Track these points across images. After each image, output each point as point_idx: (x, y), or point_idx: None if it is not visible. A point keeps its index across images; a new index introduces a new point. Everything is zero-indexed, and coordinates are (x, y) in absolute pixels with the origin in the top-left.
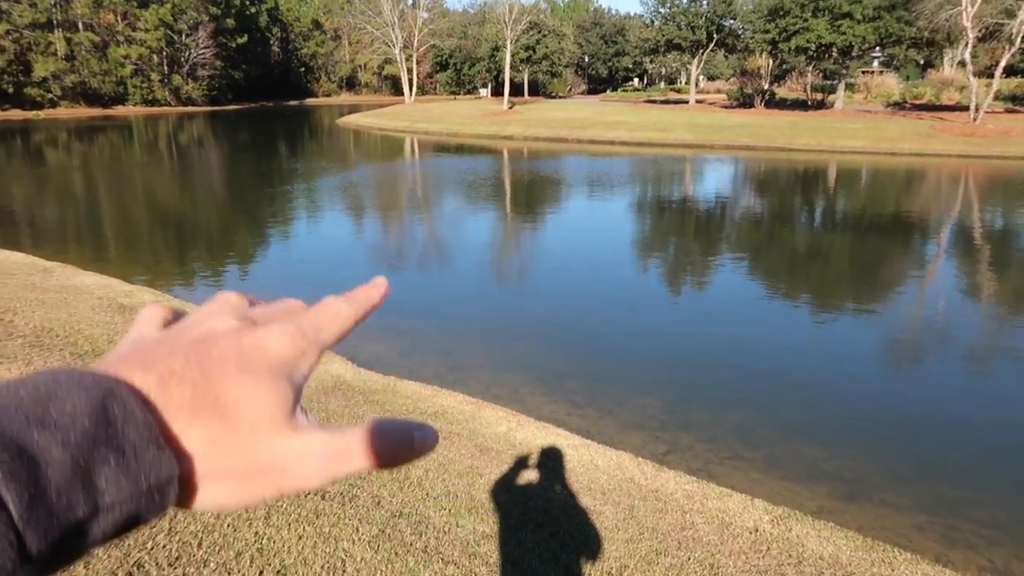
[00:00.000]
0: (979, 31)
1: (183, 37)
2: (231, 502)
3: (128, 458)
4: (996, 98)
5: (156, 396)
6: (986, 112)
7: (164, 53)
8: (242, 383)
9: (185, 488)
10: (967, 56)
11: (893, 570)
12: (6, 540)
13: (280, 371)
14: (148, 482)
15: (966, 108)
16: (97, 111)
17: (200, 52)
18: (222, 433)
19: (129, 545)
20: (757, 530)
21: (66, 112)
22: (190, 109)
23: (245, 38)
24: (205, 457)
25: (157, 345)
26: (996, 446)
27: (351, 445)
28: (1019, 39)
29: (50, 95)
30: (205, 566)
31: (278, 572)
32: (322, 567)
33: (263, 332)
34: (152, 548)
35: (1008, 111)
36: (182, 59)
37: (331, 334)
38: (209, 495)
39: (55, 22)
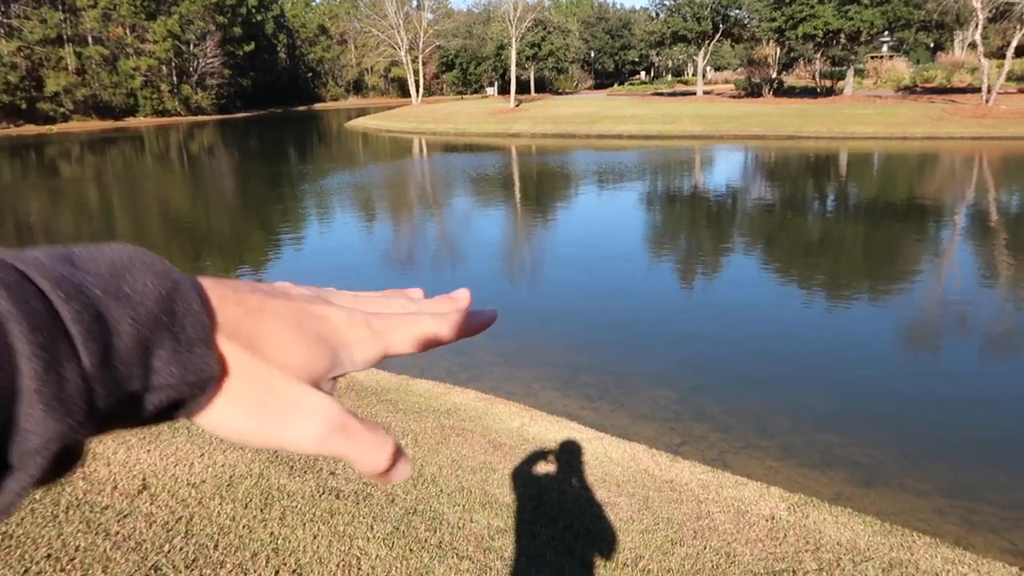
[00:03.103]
0: (989, 11)
1: (191, 47)
2: (234, 430)
3: (182, 348)
4: (1008, 79)
5: (215, 306)
6: (998, 93)
7: (173, 64)
8: (288, 332)
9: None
10: (978, 37)
11: (912, 554)
12: (78, 392)
13: (329, 342)
14: (195, 375)
15: (978, 90)
16: (109, 123)
17: (208, 61)
18: (251, 361)
19: (146, 548)
20: (774, 518)
21: (78, 125)
22: (200, 118)
23: (252, 46)
24: (233, 373)
25: (237, 281)
26: (1014, 428)
27: (358, 431)
28: None
29: (62, 109)
30: (222, 567)
31: (294, 571)
32: (337, 565)
33: (331, 307)
34: (169, 551)
35: (1021, 91)
36: (191, 69)
37: (402, 339)
38: (219, 413)
39: (65, 37)
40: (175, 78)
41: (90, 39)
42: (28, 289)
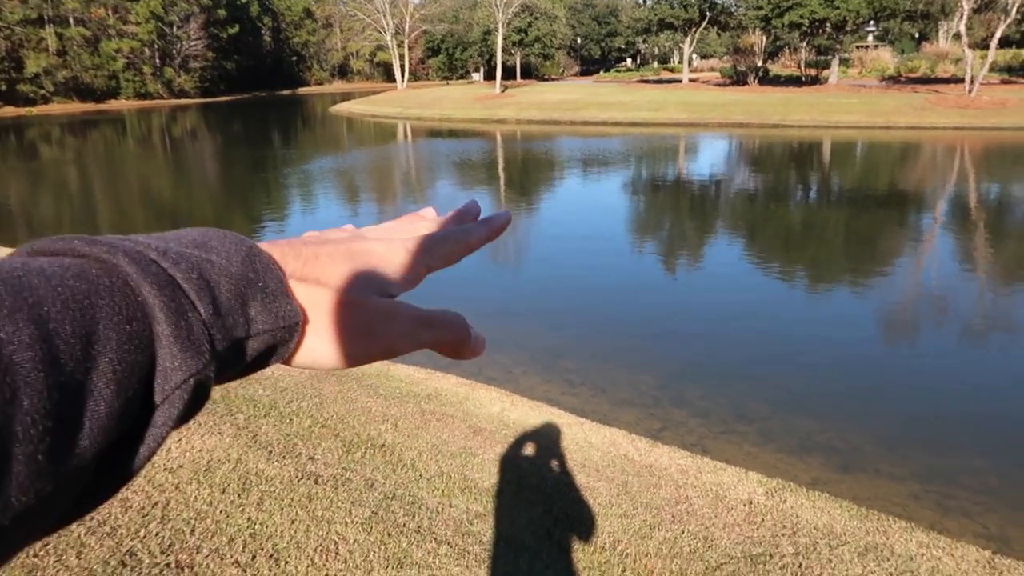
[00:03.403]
0: (974, 2)
1: (174, 29)
2: (327, 356)
3: (269, 299)
4: (991, 69)
5: (282, 262)
6: (981, 84)
7: (155, 46)
8: (343, 267)
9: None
10: (962, 28)
11: (888, 538)
12: (203, 335)
13: (378, 268)
14: (283, 321)
15: (961, 80)
16: (90, 106)
17: (191, 44)
18: (323, 298)
19: (121, 534)
20: (751, 502)
21: (59, 108)
22: (183, 101)
23: (236, 28)
24: (309, 315)
25: (281, 239)
26: (989, 414)
27: (434, 316)
28: (1015, 9)
29: (43, 91)
30: (198, 552)
31: (271, 556)
32: (315, 550)
33: (371, 241)
34: (144, 536)
35: (1004, 82)
36: (174, 51)
37: (436, 256)
38: (310, 349)
39: (46, 18)
40: (158, 60)
41: (71, 20)
42: (145, 257)
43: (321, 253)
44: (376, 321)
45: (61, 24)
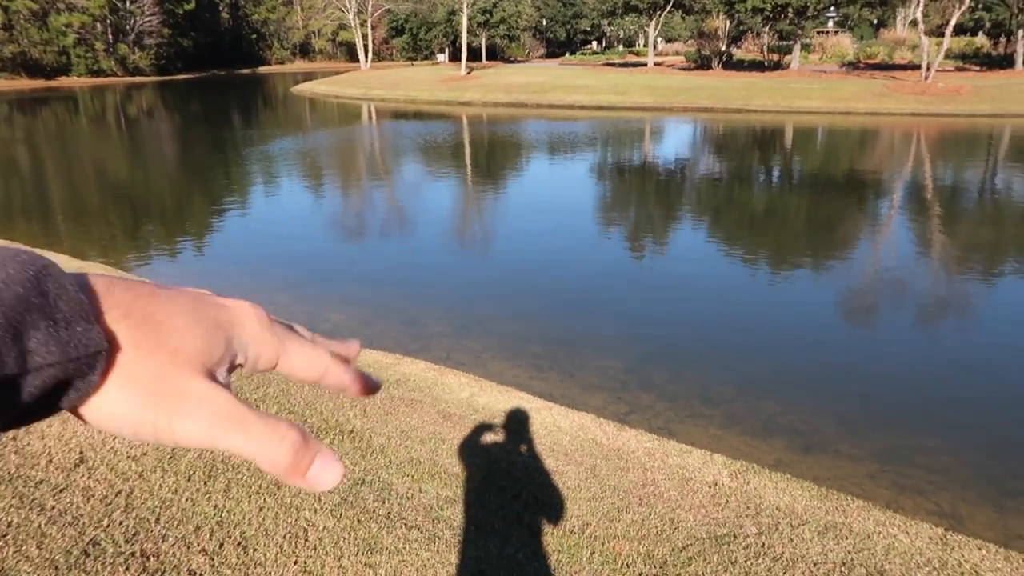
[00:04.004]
0: None
1: (127, 4)
2: (126, 419)
3: (59, 327)
4: (947, 56)
5: (100, 290)
6: (937, 71)
7: (108, 21)
8: (184, 315)
9: (101, 376)
10: (919, 15)
11: (846, 517)
12: None
13: (226, 330)
14: (77, 351)
15: (918, 67)
16: (40, 83)
17: (146, 19)
18: (146, 340)
19: (84, 523)
20: (716, 484)
21: (6, 84)
22: (138, 79)
23: (193, 4)
24: (123, 354)
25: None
26: (943, 396)
27: (251, 423)
28: None
29: None
30: (164, 540)
31: (239, 544)
32: (284, 537)
33: (233, 300)
34: (108, 525)
35: (958, 69)
36: (127, 27)
37: (298, 355)
38: (110, 399)
39: None
40: (111, 36)
41: None
42: None
43: (161, 293)
44: (188, 402)
45: None
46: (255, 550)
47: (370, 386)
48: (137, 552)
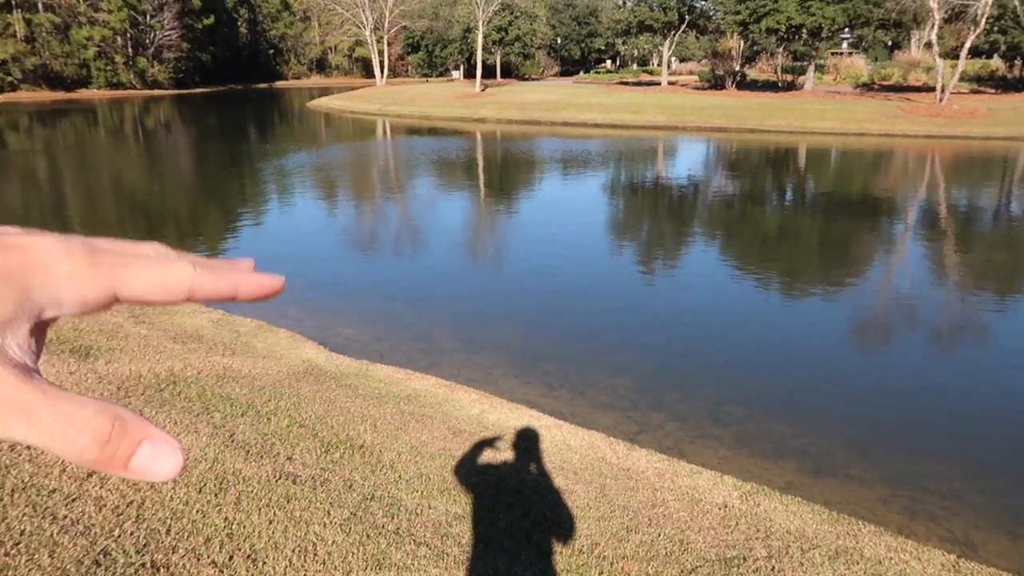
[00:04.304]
0: (945, 12)
1: (148, 18)
2: None
3: None
4: (961, 79)
5: None
6: (952, 93)
7: (128, 35)
8: None
9: None
10: (934, 37)
11: (858, 542)
12: None
13: (17, 275)
14: None
15: (932, 89)
16: (60, 95)
17: (165, 34)
18: None
19: (95, 533)
20: (726, 506)
21: (27, 96)
22: (156, 92)
23: (212, 19)
24: None
25: None
26: (956, 420)
27: (40, 407)
28: (984, 20)
29: (10, 78)
30: (174, 552)
31: (248, 557)
32: (293, 551)
33: (37, 236)
34: (119, 535)
35: (973, 92)
36: (147, 41)
37: (139, 279)
38: None
39: (13, 2)
40: (130, 50)
41: (40, 5)
42: None
43: None
44: None
45: (29, 10)
46: (264, 563)
47: (263, 284)
48: (147, 563)
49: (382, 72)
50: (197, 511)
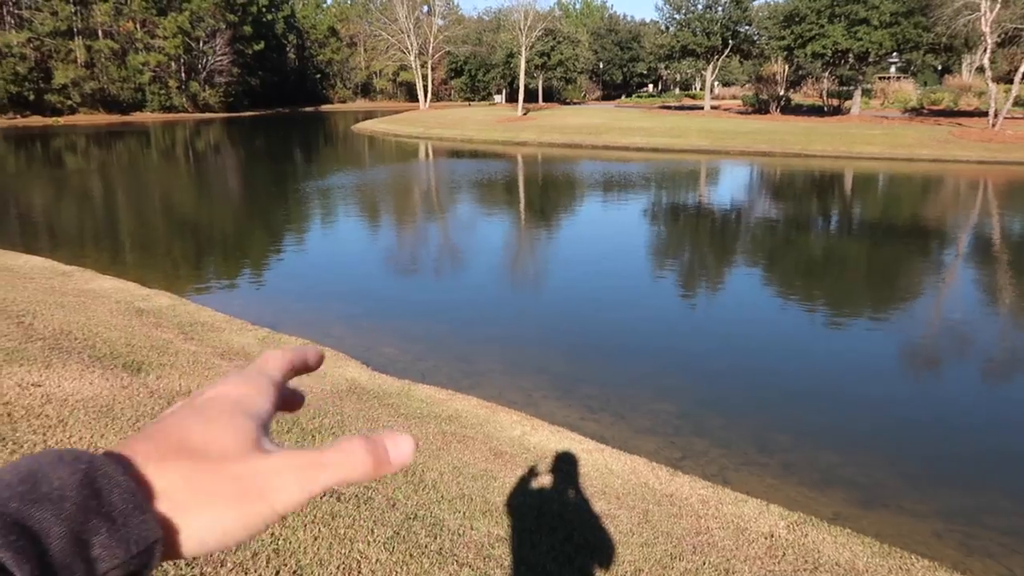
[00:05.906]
0: (998, 36)
1: (201, 44)
2: (222, 531)
3: (118, 525)
4: (1015, 104)
5: (140, 461)
6: (1005, 118)
7: (182, 60)
8: (205, 429)
9: (169, 533)
10: (986, 61)
11: None
12: None
13: (237, 410)
14: (137, 547)
15: (985, 114)
16: (116, 117)
17: (217, 59)
18: (195, 469)
19: None
20: (772, 536)
21: (85, 118)
22: (207, 115)
23: (262, 45)
24: (183, 490)
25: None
26: (1013, 453)
27: (324, 456)
28: None
29: (69, 102)
30: (222, 566)
31: (294, 572)
32: (337, 568)
33: (215, 389)
34: None
35: None
36: (199, 66)
37: (275, 372)
38: (196, 528)
39: (75, 30)
40: (184, 74)
41: (100, 33)
42: None
43: (167, 420)
44: (267, 476)
45: (90, 37)
46: None
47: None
48: (197, 575)
49: (426, 96)
50: None
